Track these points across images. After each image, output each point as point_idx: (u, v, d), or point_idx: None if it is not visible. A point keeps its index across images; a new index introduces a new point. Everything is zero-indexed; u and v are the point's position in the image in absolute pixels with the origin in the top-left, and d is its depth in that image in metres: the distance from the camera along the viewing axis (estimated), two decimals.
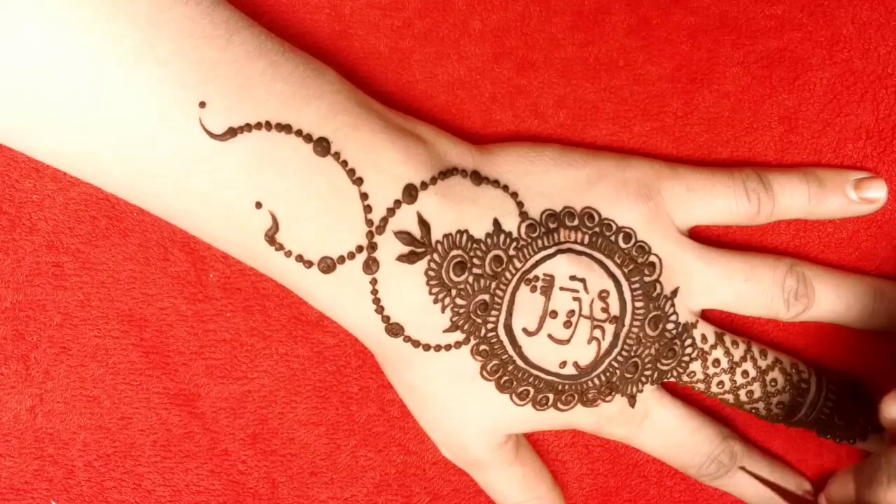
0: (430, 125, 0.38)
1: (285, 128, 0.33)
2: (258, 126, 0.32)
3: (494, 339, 0.36)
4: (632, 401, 0.39)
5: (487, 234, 0.36)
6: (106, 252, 0.40)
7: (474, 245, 0.36)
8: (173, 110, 0.31)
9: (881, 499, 0.32)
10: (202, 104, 0.32)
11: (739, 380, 0.40)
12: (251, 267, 0.40)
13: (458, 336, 0.36)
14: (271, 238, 0.34)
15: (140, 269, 0.40)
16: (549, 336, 0.37)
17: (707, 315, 0.41)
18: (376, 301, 0.35)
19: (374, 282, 0.35)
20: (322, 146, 0.33)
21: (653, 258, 0.38)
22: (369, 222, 0.34)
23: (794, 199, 0.39)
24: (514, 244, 0.36)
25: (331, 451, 0.42)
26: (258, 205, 0.33)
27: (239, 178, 0.33)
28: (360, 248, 0.34)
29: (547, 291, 0.37)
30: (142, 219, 0.40)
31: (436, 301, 0.35)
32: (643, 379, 0.39)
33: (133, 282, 0.40)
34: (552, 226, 0.37)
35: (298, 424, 0.42)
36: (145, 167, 0.32)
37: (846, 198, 0.40)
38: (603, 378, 0.38)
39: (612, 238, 0.37)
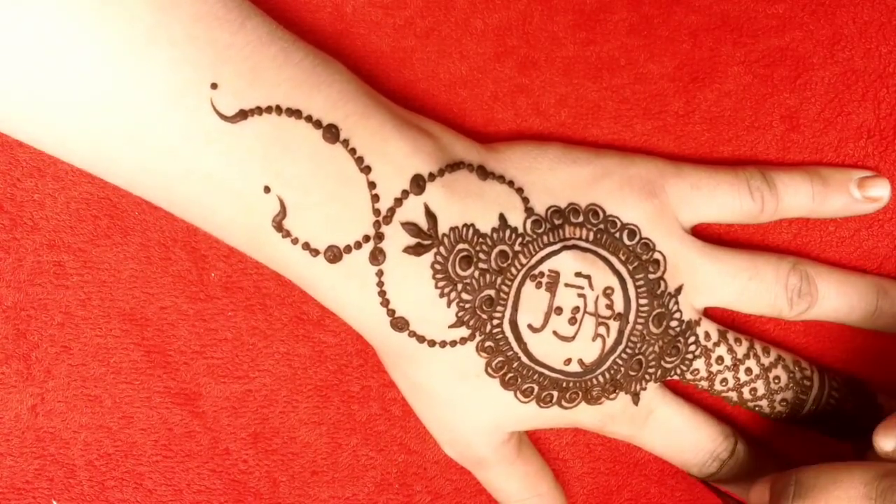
0: (434, 122, 0.38)
1: (295, 113, 0.33)
2: (269, 110, 0.33)
3: (500, 336, 0.36)
4: (635, 398, 0.39)
5: (493, 229, 0.36)
6: (107, 251, 0.40)
7: (480, 239, 0.36)
8: (185, 91, 0.31)
9: None
10: (214, 85, 0.32)
11: (743, 377, 0.40)
12: (253, 266, 0.40)
13: (464, 332, 0.36)
14: (279, 224, 0.34)
15: (141, 268, 0.40)
16: (554, 333, 0.37)
17: (710, 313, 0.41)
18: (382, 294, 0.35)
19: (380, 273, 0.35)
20: (331, 132, 0.33)
21: (657, 255, 0.38)
22: (377, 212, 0.34)
23: (798, 197, 0.40)
24: (520, 240, 0.36)
25: (332, 450, 0.42)
26: (266, 189, 0.33)
27: (248, 162, 0.33)
28: (366, 238, 0.34)
29: (552, 288, 0.37)
30: (143, 218, 0.39)
31: (442, 295, 0.35)
32: (647, 376, 0.39)
33: (134, 281, 0.40)
34: (557, 222, 0.37)
35: (300, 423, 0.42)
36: (155, 149, 0.32)
37: (850, 196, 0.40)
38: (607, 375, 0.38)
39: (617, 235, 0.37)
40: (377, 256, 0.34)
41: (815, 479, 0.33)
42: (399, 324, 0.36)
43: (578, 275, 0.37)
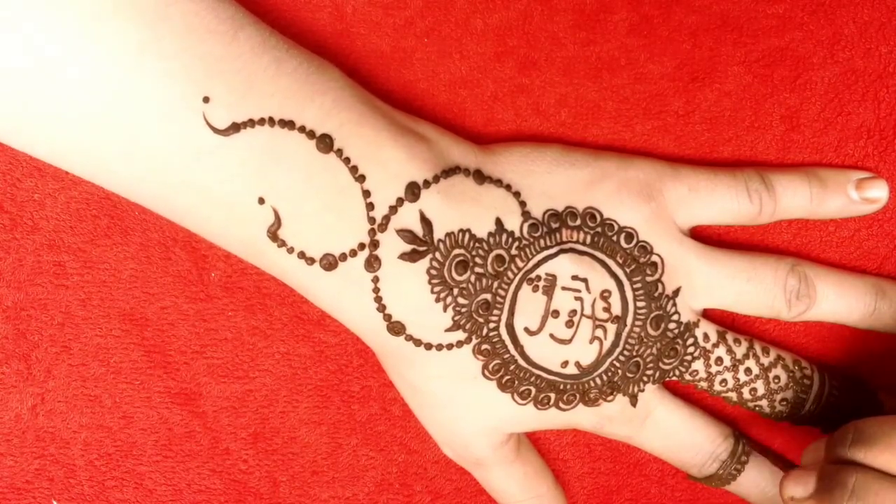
0: (432, 124, 0.38)
1: (288, 124, 0.33)
2: (261, 122, 0.32)
3: (496, 339, 0.36)
4: (633, 400, 0.39)
5: (490, 234, 0.36)
6: (107, 251, 0.40)
7: (476, 244, 0.36)
8: (178, 104, 0.31)
9: (841, 455, 0.35)
10: (206, 99, 0.31)
11: (742, 378, 0.40)
12: (253, 266, 0.40)
13: (460, 335, 0.36)
14: (273, 234, 0.34)
15: (141, 268, 0.40)
16: (551, 336, 0.37)
17: (708, 313, 0.41)
18: (378, 299, 0.35)
19: (375, 280, 0.35)
20: (325, 143, 0.33)
21: (654, 258, 0.38)
22: (371, 220, 0.34)
23: (796, 199, 0.40)
24: (517, 244, 0.36)
25: (332, 450, 0.42)
26: (261, 200, 0.33)
27: (242, 174, 0.33)
28: (361, 246, 0.34)
29: (549, 291, 0.37)
30: (143, 218, 0.39)
31: (437, 300, 0.35)
32: (645, 378, 0.39)
33: (134, 281, 0.40)
34: (554, 226, 0.37)
35: (300, 423, 0.42)
36: (148, 162, 0.32)
37: (847, 198, 0.40)
38: (604, 377, 0.38)
39: (614, 238, 0.37)
40: (372, 264, 0.34)
41: (878, 428, 0.34)
42: (396, 328, 0.36)
43: (575, 278, 0.37)
